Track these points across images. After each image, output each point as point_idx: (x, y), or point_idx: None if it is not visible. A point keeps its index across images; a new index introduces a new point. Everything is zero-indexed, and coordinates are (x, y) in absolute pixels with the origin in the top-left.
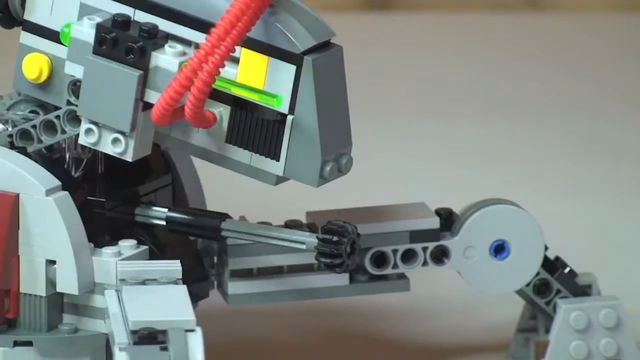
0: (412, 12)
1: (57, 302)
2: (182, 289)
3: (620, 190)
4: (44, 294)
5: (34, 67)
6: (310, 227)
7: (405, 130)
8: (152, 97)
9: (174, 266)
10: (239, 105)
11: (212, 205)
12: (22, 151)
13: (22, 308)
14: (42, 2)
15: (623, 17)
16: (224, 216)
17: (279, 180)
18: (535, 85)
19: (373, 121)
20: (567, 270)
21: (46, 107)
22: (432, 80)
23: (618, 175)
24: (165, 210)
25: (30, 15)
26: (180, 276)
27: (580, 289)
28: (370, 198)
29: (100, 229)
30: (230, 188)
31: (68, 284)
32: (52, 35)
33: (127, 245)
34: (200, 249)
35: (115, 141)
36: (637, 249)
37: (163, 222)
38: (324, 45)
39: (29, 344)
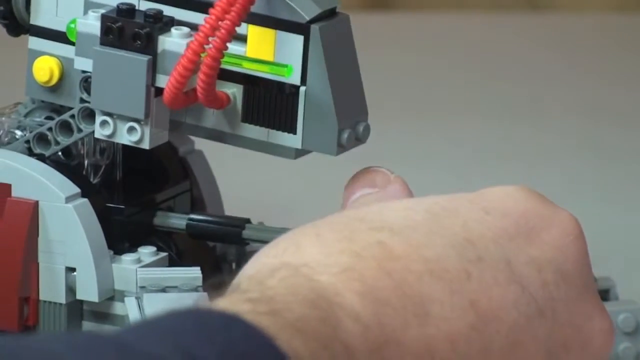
0: (412, 12)
1: (77, 310)
2: (204, 297)
3: (630, 190)
4: (63, 301)
5: (45, 69)
6: None
7: (406, 131)
8: (163, 81)
9: (195, 273)
10: (251, 83)
11: (229, 212)
12: (41, 158)
13: (41, 315)
14: (47, 4)
15: (623, 17)
16: (245, 221)
17: (298, 153)
18: (535, 85)
19: (372, 122)
20: None
21: (61, 112)
22: (432, 80)
23: (621, 176)
24: (186, 216)
25: (36, 19)
26: (200, 283)
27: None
28: None
29: (120, 235)
30: (247, 194)
31: (88, 291)
32: (60, 37)
33: (147, 252)
34: (218, 255)
35: (131, 130)
36: None
37: (184, 228)
38: (330, 15)
39: None
